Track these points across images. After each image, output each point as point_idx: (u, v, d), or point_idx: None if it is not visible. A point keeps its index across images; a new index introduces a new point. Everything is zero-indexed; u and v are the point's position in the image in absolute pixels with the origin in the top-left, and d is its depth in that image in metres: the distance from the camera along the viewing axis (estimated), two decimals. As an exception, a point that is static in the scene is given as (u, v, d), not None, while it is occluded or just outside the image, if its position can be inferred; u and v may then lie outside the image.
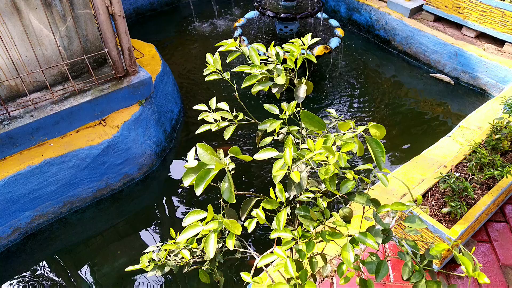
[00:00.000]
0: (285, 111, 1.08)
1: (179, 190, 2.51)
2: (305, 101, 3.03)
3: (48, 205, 2.19)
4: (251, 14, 3.50)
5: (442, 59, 3.32)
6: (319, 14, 3.29)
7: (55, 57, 2.18)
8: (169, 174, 2.62)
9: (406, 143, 2.79)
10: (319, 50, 3.02)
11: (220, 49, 1.05)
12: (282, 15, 3.03)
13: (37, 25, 2.06)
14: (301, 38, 1.09)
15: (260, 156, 0.89)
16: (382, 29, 3.75)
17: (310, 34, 1.10)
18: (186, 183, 0.78)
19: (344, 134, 0.88)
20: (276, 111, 1.11)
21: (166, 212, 2.43)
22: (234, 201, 0.80)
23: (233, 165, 0.79)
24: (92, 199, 2.36)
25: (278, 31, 3.31)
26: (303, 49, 1.05)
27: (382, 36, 3.79)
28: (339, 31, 3.24)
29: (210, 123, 1.04)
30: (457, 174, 1.69)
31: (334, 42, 3.11)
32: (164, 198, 2.49)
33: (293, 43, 1.08)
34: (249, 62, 1.10)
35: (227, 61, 1.12)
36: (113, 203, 2.40)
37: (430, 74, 3.41)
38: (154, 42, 3.11)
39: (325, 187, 0.99)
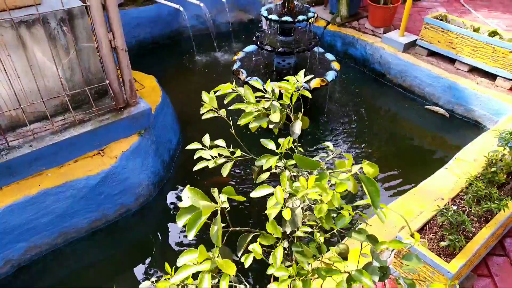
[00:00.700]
0: (282, 146, 1.09)
1: (176, 222, 2.48)
2: (302, 133, 3.06)
3: (42, 236, 2.16)
4: (250, 48, 3.60)
5: (437, 92, 3.40)
6: (315, 49, 3.39)
7: (57, 88, 2.22)
8: (165, 205, 2.61)
9: (403, 175, 2.80)
10: (316, 82, 3.08)
11: (218, 93, 1.08)
12: (280, 49, 3.12)
13: (40, 58, 2.12)
14: (295, 76, 1.12)
15: (256, 194, 0.90)
16: (377, 63, 3.85)
17: (303, 70, 1.13)
18: (180, 223, 0.78)
19: (339, 172, 0.89)
20: (272, 146, 1.12)
21: (162, 244, 2.39)
22: (220, 245, 0.80)
23: (226, 205, 0.80)
24: (87, 230, 2.33)
25: (276, 64, 3.39)
26: (298, 86, 1.07)
27: (377, 69, 3.89)
28: (335, 65, 3.33)
29: (207, 159, 1.05)
30: (455, 207, 1.69)
31: (330, 75, 3.18)
32: (160, 229, 2.47)
33: (288, 80, 1.11)
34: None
35: (225, 102, 1.15)
36: (109, 234, 2.37)
37: (425, 107, 3.47)
38: (155, 74, 3.18)
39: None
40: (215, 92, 1.13)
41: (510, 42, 3.06)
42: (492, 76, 3.24)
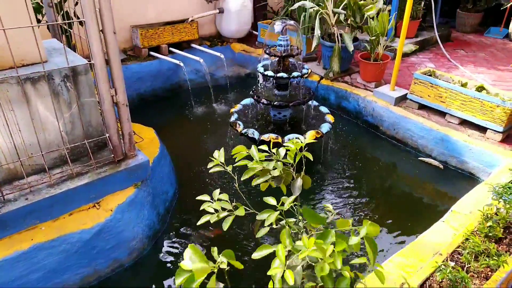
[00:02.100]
0: (282, 202, 1.11)
1: (170, 278, 2.41)
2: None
3: (30, 293, 2.08)
4: (247, 101, 3.72)
5: (429, 144, 3.47)
6: (310, 102, 3.51)
7: (57, 141, 2.26)
8: (159, 260, 2.54)
9: (400, 227, 2.78)
10: (311, 135, 3.15)
11: (236, 157, 1.13)
12: (276, 103, 3.23)
13: (43, 112, 2.18)
14: (299, 137, 1.16)
15: (258, 254, 0.90)
16: (370, 116, 3.97)
17: (309, 137, 1.18)
18: (178, 281, 0.78)
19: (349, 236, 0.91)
20: (273, 202, 1.14)
21: (155, 301, 2.30)
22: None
23: (225, 266, 0.80)
24: (79, 287, 2.24)
25: (272, 116, 3.49)
26: (301, 146, 1.12)
27: (370, 122, 4.00)
28: (330, 118, 3.43)
29: (210, 213, 1.06)
30: (452, 263, 1.67)
31: (325, 128, 3.27)
32: (154, 286, 2.38)
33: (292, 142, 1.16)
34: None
35: (236, 160, 1.18)
36: (100, 291, 2.29)
37: (419, 158, 3.52)
38: (154, 125, 3.25)
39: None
40: (232, 155, 1.18)
41: (497, 96, 3.18)
42: (482, 129, 3.33)
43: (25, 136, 2.14)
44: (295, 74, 3.18)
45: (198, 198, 1.13)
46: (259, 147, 1.28)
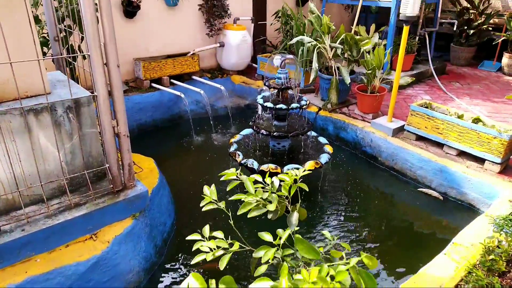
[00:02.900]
0: (279, 237, 1.10)
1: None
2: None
3: (21, 329, 2.01)
4: (246, 131, 3.76)
5: (428, 175, 3.47)
6: (309, 132, 3.54)
7: (57, 171, 2.27)
8: (156, 293, 2.48)
9: (401, 260, 2.73)
10: (310, 165, 3.17)
11: (222, 178, 1.13)
12: (275, 133, 3.26)
13: (44, 143, 2.20)
14: (295, 169, 1.17)
15: (256, 286, 0.89)
16: (368, 146, 4.00)
17: (303, 169, 1.19)
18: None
19: (337, 264, 0.90)
20: (269, 238, 1.13)
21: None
22: None
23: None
24: (70, 322, 2.17)
25: (271, 147, 3.51)
26: (296, 179, 1.12)
27: (368, 152, 4.02)
28: (328, 148, 3.45)
29: (206, 252, 1.05)
30: (456, 299, 1.64)
31: (324, 158, 3.28)
32: (149, 321, 2.31)
33: (287, 173, 1.16)
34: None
35: (227, 189, 1.19)
36: (93, 326, 2.21)
37: (419, 189, 3.52)
38: (154, 155, 3.26)
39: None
40: (220, 177, 1.18)
41: (493, 128, 3.22)
42: (480, 160, 3.35)
43: (25, 166, 2.14)
44: (294, 105, 3.23)
45: (189, 238, 1.13)
46: (253, 176, 1.28)
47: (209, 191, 1.14)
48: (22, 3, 2.03)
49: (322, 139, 3.63)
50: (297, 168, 3.07)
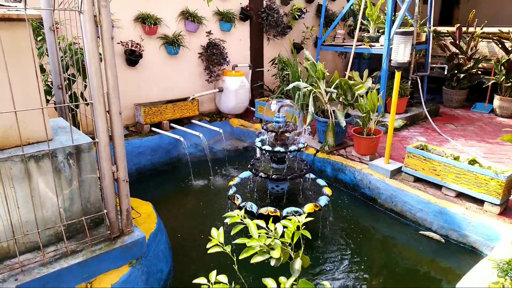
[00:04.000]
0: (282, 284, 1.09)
1: None
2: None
3: None
4: (245, 174, 3.78)
5: (428, 217, 3.45)
6: (307, 175, 3.56)
7: (54, 218, 2.25)
8: None
9: (407, 307, 2.64)
10: (309, 208, 3.15)
11: (226, 220, 1.14)
12: (273, 176, 3.28)
13: (43, 189, 2.20)
14: (296, 215, 1.18)
15: None
16: (367, 188, 4.00)
17: (305, 215, 1.20)
18: None
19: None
20: (273, 285, 1.12)
21: None
22: None
23: None
24: None
25: (270, 189, 3.51)
26: (298, 225, 1.13)
27: (367, 194, 4.01)
28: (327, 190, 3.45)
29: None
30: None
31: (323, 200, 3.28)
32: None
33: (290, 219, 1.17)
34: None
35: (232, 233, 1.19)
36: None
37: (420, 232, 3.48)
38: (152, 198, 3.25)
39: None
40: (223, 218, 1.19)
41: (490, 169, 3.25)
42: (479, 201, 3.34)
43: (22, 213, 2.13)
44: (291, 148, 3.28)
45: (195, 281, 1.11)
46: (256, 221, 1.28)
47: (217, 234, 1.14)
48: (29, 54, 2.13)
49: (321, 181, 3.64)
50: (296, 211, 3.07)
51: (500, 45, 6.04)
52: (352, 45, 5.64)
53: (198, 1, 5.46)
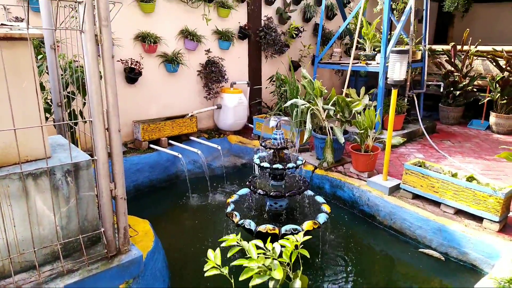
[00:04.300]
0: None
1: None
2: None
3: None
4: (243, 191, 3.77)
5: (428, 234, 3.43)
6: (305, 192, 3.55)
7: (51, 236, 2.23)
8: None
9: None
10: (308, 225, 3.13)
11: (222, 244, 1.13)
12: (272, 193, 3.27)
13: (40, 207, 2.18)
14: (295, 233, 1.18)
15: None
16: (366, 205, 3.99)
17: (302, 233, 1.20)
18: None
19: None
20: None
21: None
22: None
23: None
24: None
25: (268, 207, 3.49)
26: (296, 244, 1.13)
27: (366, 211, 4.00)
28: (326, 207, 3.44)
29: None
30: None
31: (322, 218, 3.26)
32: None
33: (288, 239, 1.17)
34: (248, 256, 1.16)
35: (228, 256, 1.18)
36: None
37: (420, 250, 3.45)
38: (150, 216, 3.22)
39: None
40: (220, 243, 1.18)
41: (487, 186, 3.26)
42: (478, 218, 3.33)
43: (19, 231, 2.11)
44: (290, 165, 3.28)
45: None
46: (254, 241, 1.28)
47: (213, 256, 1.13)
48: (30, 72, 2.15)
49: (319, 198, 3.63)
50: (295, 229, 3.05)
51: (494, 63, 6.13)
52: (348, 63, 5.72)
53: (198, 20, 5.55)
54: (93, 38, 1.98)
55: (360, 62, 5.82)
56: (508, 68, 5.89)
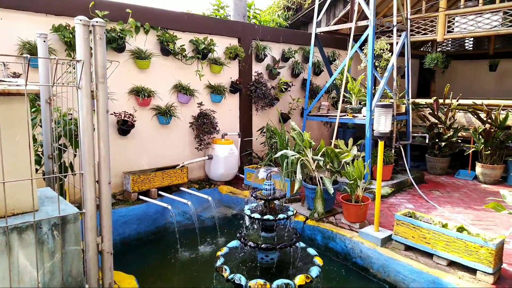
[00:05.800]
0: None
1: None
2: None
3: None
4: (234, 243, 3.69)
5: (422, 288, 3.36)
6: (297, 244, 3.49)
7: (31, 294, 2.13)
8: None
9: None
10: (300, 279, 3.05)
11: None
12: (263, 245, 3.21)
13: (23, 262, 2.11)
14: (289, 283, 1.16)
15: None
16: (359, 257, 3.92)
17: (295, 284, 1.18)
18: None
19: None
20: None
21: None
22: None
23: None
24: None
25: (260, 260, 3.41)
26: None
27: (359, 264, 3.92)
28: (318, 260, 3.37)
29: None
30: None
31: (314, 271, 3.18)
32: None
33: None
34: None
35: None
36: None
37: (415, 304, 3.35)
38: (136, 271, 3.12)
39: None
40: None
41: (478, 237, 3.26)
42: (472, 270, 3.29)
43: (-2, 289, 2.02)
44: (281, 216, 3.27)
45: None
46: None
47: None
48: (24, 126, 2.18)
49: (311, 251, 3.56)
50: (287, 284, 2.97)
51: (475, 116, 6.40)
52: (336, 116, 5.92)
53: (191, 75, 5.78)
54: (89, 94, 2.05)
55: (347, 115, 6.02)
56: (489, 120, 6.13)
